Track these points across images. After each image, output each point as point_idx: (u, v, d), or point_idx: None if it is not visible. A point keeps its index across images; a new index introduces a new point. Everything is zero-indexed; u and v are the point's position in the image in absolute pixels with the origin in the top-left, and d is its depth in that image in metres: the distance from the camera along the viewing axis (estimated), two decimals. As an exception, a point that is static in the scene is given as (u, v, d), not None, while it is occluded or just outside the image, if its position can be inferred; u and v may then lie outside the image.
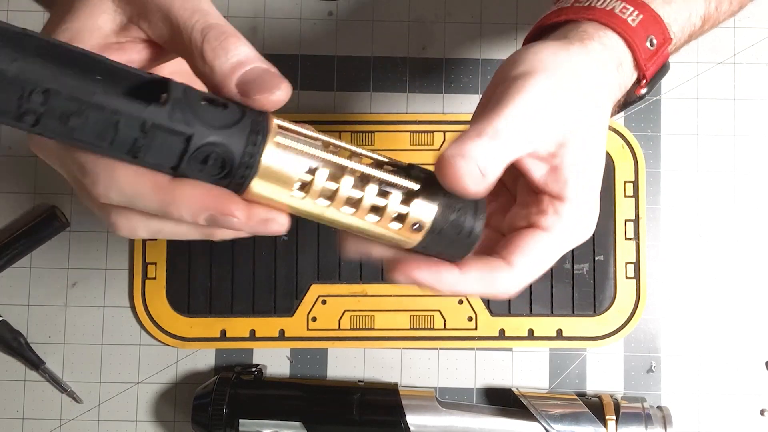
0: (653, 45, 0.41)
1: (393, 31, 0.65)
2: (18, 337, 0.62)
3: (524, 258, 0.36)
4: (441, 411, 0.59)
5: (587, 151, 0.37)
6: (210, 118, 0.30)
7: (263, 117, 0.31)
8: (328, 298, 0.63)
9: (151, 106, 0.29)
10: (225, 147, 0.30)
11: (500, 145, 0.34)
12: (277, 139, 0.31)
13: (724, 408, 0.62)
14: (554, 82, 0.36)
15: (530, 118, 0.35)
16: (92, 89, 0.29)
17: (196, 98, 0.30)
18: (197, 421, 0.58)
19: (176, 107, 0.29)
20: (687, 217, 0.64)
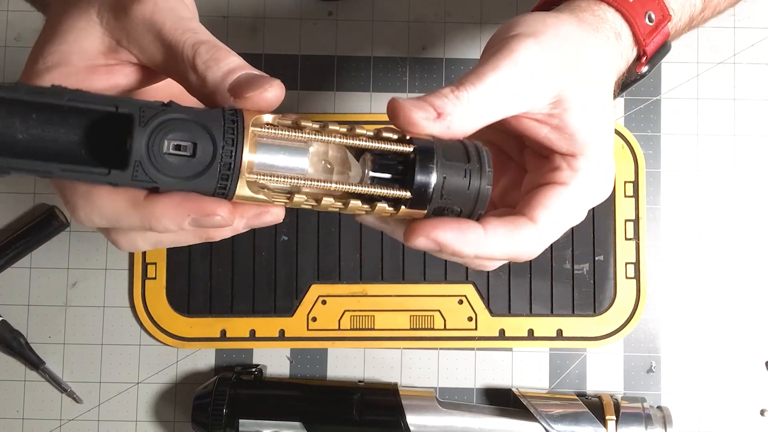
0: (652, 21, 0.41)
1: (393, 31, 0.65)
2: (18, 337, 0.62)
3: (547, 212, 0.36)
4: (441, 411, 0.59)
5: (590, 108, 0.37)
6: (175, 170, 0.30)
7: (235, 158, 0.31)
8: (328, 298, 0.63)
9: (113, 172, 0.29)
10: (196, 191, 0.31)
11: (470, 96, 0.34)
12: (249, 177, 0.31)
13: (724, 408, 0.62)
14: (540, 43, 0.36)
15: (514, 80, 0.35)
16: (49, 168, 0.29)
17: (159, 153, 0.30)
18: (197, 421, 0.58)
19: (138, 169, 0.29)
20: (687, 217, 0.64)
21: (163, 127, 0.30)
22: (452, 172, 0.33)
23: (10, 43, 0.65)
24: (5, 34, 0.65)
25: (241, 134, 0.31)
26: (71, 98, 0.29)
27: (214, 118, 0.31)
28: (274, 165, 0.32)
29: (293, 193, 0.33)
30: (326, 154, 0.34)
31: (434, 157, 0.33)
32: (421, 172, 0.33)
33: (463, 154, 0.33)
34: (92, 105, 0.30)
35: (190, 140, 0.30)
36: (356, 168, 0.34)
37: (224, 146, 0.30)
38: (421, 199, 0.33)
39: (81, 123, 0.30)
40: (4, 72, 0.65)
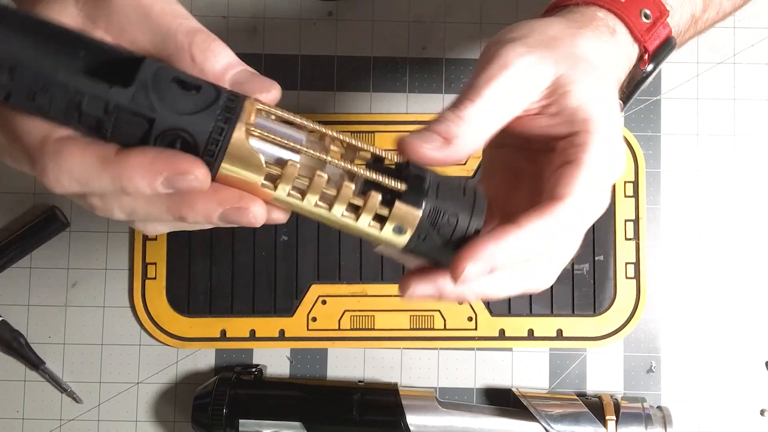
0: (648, 17, 0.41)
1: (393, 31, 0.65)
2: (18, 337, 0.62)
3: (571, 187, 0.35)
4: (441, 411, 0.59)
5: (588, 89, 0.36)
6: (177, 102, 0.29)
7: (237, 102, 0.30)
8: (328, 298, 0.63)
9: (114, 87, 0.29)
10: (189, 132, 0.30)
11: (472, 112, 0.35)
12: (251, 124, 0.30)
13: (724, 408, 0.62)
14: (527, 43, 0.37)
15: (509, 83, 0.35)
16: (57, 66, 0.29)
17: (165, 80, 0.29)
18: (197, 421, 0.58)
19: (140, 90, 0.29)
20: (687, 217, 0.64)
21: (174, 70, 0.30)
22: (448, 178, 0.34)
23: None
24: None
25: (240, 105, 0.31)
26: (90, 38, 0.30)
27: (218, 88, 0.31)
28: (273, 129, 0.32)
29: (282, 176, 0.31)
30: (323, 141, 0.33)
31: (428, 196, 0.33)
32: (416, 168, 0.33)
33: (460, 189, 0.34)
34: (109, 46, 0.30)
35: (196, 81, 0.30)
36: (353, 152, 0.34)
37: (229, 96, 0.30)
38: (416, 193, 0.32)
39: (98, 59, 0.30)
40: (4, 72, 0.65)
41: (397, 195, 0.32)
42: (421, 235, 0.33)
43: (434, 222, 0.33)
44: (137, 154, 0.30)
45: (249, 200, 0.32)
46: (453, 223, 0.33)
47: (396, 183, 0.32)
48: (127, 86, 0.29)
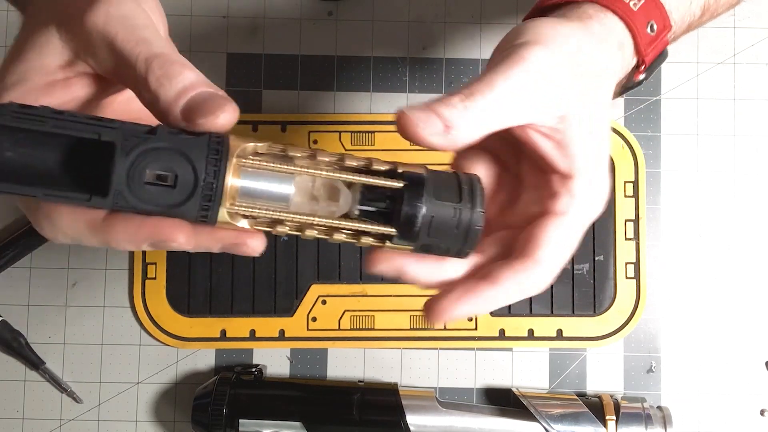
0: (653, 30, 0.41)
1: (393, 31, 0.65)
2: (18, 337, 0.62)
3: (549, 250, 0.36)
4: (441, 411, 0.59)
5: (592, 125, 0.37)
6: (157, 199, 0.30)
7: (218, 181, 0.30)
8: (328, 298, 0.63)
9: (94, 198, 0.30)
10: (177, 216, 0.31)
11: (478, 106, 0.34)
12: (234, 204, 0.31)
13: (724, 408, 0.62)
14: (551, 54, 0.36)
15: (524, 88, 0.35)
16: (34, 192, 0.30)
17: (139, 182, 0.30)
18: (197, 421, 0.58)
19: (118, 197, 0.30)
20: (687, 217, 0.64)
21: (145, 156, 0.30)
22: (441, 210, 0.32)
23: (10, 42, 0.65)
24: (5, 34, 0.65)
25: (224, 164, 0.30)
26: (55, 125, 0.29)
27: (199, 146, 0.30)
28: (258, 195, 0.32)
29: (276, 224, 0.32)
30: (313, 184, 0.33)
31: (423, 194, 0.32)
32: (408, 209, 0.32)
33: (455, 191, 0.33)
34: (76, 132, 0.30)
35: (171, 170, 0.30)
36: (345, 197, 0.33)
37: (206, 178, 0.30)
38: (407, 236, 0.33)
39: (65, 147, 0.30)
40: (4, 72, 0.65)
41: (388, 237, 0.33)
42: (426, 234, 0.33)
43: (426, 250, 0.34)
44: (123, 222, 0.31)
45: (246, 236, 0.33)
46: (444, 250, 0.34)
47: (386, 228, 0.33)
48: (105, 196, 0.29)
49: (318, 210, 0.33)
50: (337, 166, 0.33)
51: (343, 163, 0.33)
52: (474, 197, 0.33)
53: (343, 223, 0.32)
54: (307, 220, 0.32)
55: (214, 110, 0.31)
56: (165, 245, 0.31)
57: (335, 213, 0.33)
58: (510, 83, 0.34)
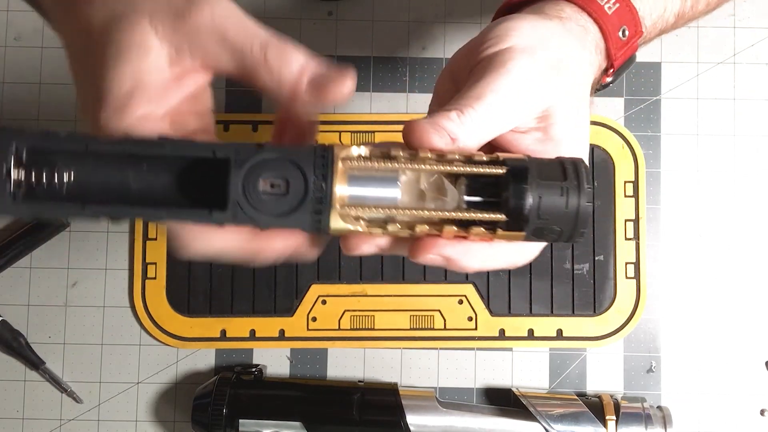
0: (625, 36, 0.41)
1: (393, 31, 0.65)
2: (18, 337, 0.62)
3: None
4: (441, 411, 0.59)
5: (573, 123, 0.37)
6: (272, 208, 0.31)
7: (327, 188, 0.32)
8: (328, 298, 0.63)
9: (214, 212, 0.31)
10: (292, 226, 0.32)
11: (473, 120, 0.34)
12: (344, 207, 0.32)
13: (724, 408, 0.62)
14: (536, 60, 0.36)
15: (511, 99, 0.35)
16: (159, 214, 0.31)
17: (255, 192, 0.31)
18: (197, 421, 0.58)
19: (236, 209, 0.31)
20: (687, 217, 0.64)
21: (257, 167, 0.31)
22: (548, 191, 0.32)
23: (10, 43, 0.65)
24: (5, 34, 0.65)
25: (331, 168, 0.32)
26: (172, 148, 0.31)
27: (306, 155, 0.32)
28: (367, 196, 0.33)
29: (388, 223, 0.33)
30: (419, 182, 0.34)
31: (528, 177, 0.32)
32: (514, 193, 0.32)
33: (559, 171, 0.33)
34: (193, 152, 0.31)
35: (283, 178, 0.31)
36: (451, 192, 0.34)
37: (315, 181, 0.31)
38: (517, 221, 0.32)
39: (182, 168, 0.32)
40: (5, 72, 0.65)
41: (499, 225, 0.33)
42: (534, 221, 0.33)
43: (539, 235, 0.33)
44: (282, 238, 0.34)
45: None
46: (557, 233, 0.33)
47: (495, 215, 0.33)
48: (224, 209, 0.31)
49: (425, 205, 0.33)
50: (438, 160, 0.33)
51: (445, 158, 0.33)
52: (579, 176, 0.33)
53: (452, 214, 0.33)
54: (418, 213, 0.32)
55: (337, 80, 0.33)
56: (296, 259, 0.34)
57: (443, 207, 0.33)
58: (497, 97, 0.35)
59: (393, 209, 0.32)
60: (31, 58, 0.65)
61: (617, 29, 0.41)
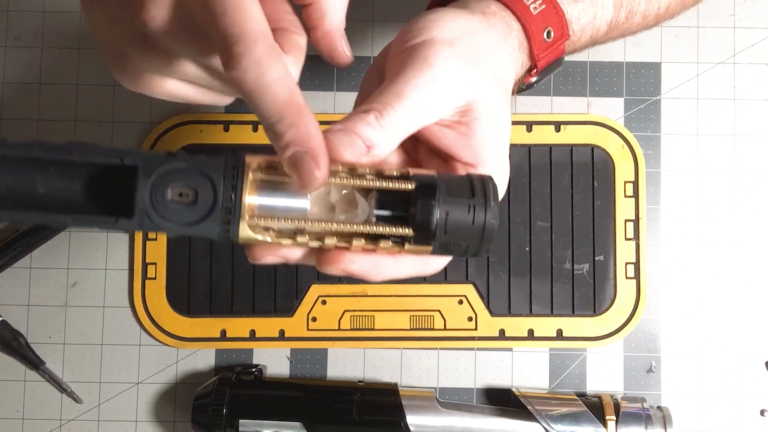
0: (550, 37, 0.41)
1: (393, 31, 0.65)
2: (18, 337, 0.62)
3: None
4: (441, 411, 0.59)
5: (496, 118, 0.37)
6: (179, 216, 0.31)
7: (236, 197, 0.32)
8: (328, 298, 0.63)
9: (120, 220, 0.31)
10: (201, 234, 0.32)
11: (391, 121, 0.34)
12: (251, 222, 0.32)
13: (724, 408, 0.62)
14: (456, 51, 0.36)
15: (433, 94, 0.35)
16: (64, 220, 0.31)
17: (162, 201, 0.31)
18: (197, 421, 0.58)
19: (143, 217, 0.31)
20: (687, 217, 0.64)
21: (165, 176, 0.31)
22: (455, 207, 0.33)
23: (10, 43, 0.65)
24: (5, 34, 0.65)
25: (241, 179, 0.32)
26: (81, 153, 0.31)
27: (216, 165, 0.32)
28: (276, 207, 0.33)
29: (297, 234, 0.33)
30: (328, 194, 0.34)
31: (436, 193, 0.33)
32: (422, 209, 0.33)
33: (467, 188, 0.34)
34: (101, 159, 0.31)
35: (191, 187, 0.31)
36: (362, 205, 0.34)
37: (224, 192, 0.31)
38: (424, 236, 0.33)
39: (91, 174, 0.32)
40: (5, 72, 0.65)
41: (407, 239, 0.33)
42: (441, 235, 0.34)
43: (446, 249, 0.34)
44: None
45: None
46: (464, 249, 0.34)
47: (403, 229, 0.33)
48: (130, 217, 0.31)
49: (335, 218, 0.34)
50: (350, 174, 0.33)
51: (355, 171, 0.33)
52: (487, 193, 0.34)
53: (361, 228, 0.33)
54: (327, 227, 0.33)
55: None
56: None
57: (353, 220, 0.34)
58: (418, 92, 0.35)
59: (302, 221, 0.33)
60: (31, 58, 0.65)
61: (542, 30, 0.40)
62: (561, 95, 0.64)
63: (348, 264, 0.34)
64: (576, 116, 0.64)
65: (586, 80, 0.64)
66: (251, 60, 0.30)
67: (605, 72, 0.64)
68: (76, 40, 0.65)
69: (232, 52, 0.30)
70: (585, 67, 0.64)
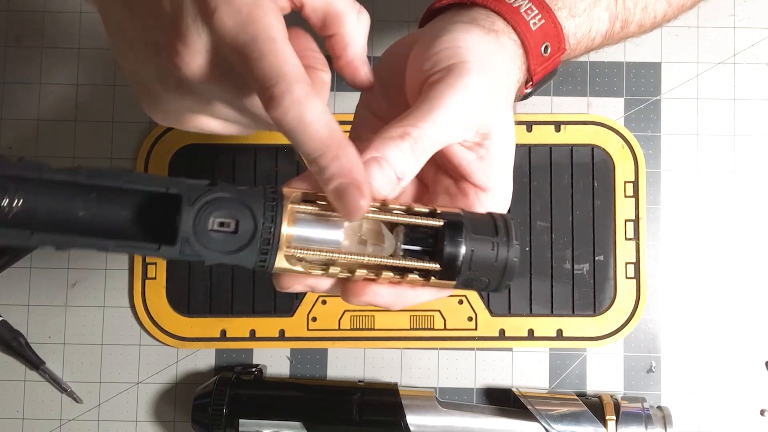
0: (547, 52, 0.42)
1: (393, 31, 0.65)
2: (18, 337, 0.62)
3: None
4: (441, 411, 0.59)
5: (507, 141, 0.38)
6: (219, 245, 0.32)
7: (274, 231, 0.33)
8: (328, 298, 0.63)
9: (163, 247, 0.32)
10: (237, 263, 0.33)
11: (424, 148, 0.35)
12: (287, 252, 0.33)
13: (724, 408, 0.62)
14: (486, 77, 0.37)
15: (461, 117, 0.36)
16: (106, 245, 0.32)
17: (204, 229, 0.32)
18: (197, 421, 0.58)
19: (185, 245, 0.32)
20: (687, 217, 0.64)
21: (208, 206, 0.32)
22: (480, 245, 0.35)
23: (10, 43, 0.65)
24: (5, 34, 0.65)
25: (280, 211, 0.33)
26: (127, 180, 0.32)
27: (256, 196, 0.33)
28: (311, 239, 0.34)
29: (328, 266, 0.34)
30: (360, 228, 0.35)
31: (463, 231, 0.34)
32: (450, 245, 0.34)
33: (491, 227, 0.35)
34: (146, 186, 0.32)
35: (233, 218, 0.32)
36: (390, 240, 0.35)
37: (264, 223, 0.32)
38: (450, 271, 0.35)
39: (135, 201, 0.32)
40: (5, 72, 0.65)
41: (433, 273, 0.35)
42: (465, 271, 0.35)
43: (468, 284, 0.35)
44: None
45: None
46: (485, 284, 0.36)
47: (431, 264, 0.35)
48: (173, 244, 0.32)
49: (366, 251, 0.35)
50: (381, 209, 0.35)
51: (386, 206, 0.35)
52: (509, 232, 0.35)
53: (391, 261, 0.34)
54: (358, 259, 0.34)
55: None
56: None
57: (382, 253, 0.35)
58: (453, 116, 0.36)
59: (335, 253, 0.34)
60: (31, 58, 0.65)
61: (540, 45, 0.41)
62: (561, 95, 0.64)
63: (373, 296, 0.35)
64: (576, 116, 0.64)
65: (586, 80, 0.64)
66: (291, 100, 0.31)
67: (605, 72, 0.64)
68: (77, 40, 0.65)
69: (272, 93, 0.31)
70: (585, 67, 0.64)
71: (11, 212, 0.31)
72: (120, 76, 0.64)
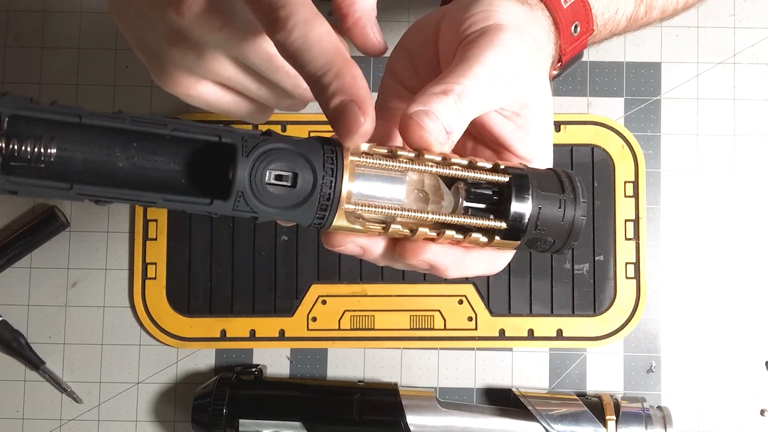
0: (576, 31, 0.41)
1: (393, 31, 0.65)
2: (18, 337, 0.62)
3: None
4: (441, 411, 0.59)
5: (545, 112, 0.37)
6: (276, 200, 0.30)
7: (335, 187, 0.30)
8: (328, 298, 0.63)
9: (215, 202, 0.29)
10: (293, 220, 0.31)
11: (468, 105, 0.33)
12: (348, 207, 0.31)
13: (724, 408, 0.62)
14: (522, 40, 0.36)
15: (501, 75, 0.34)
16: (152, 198, 0.29)
17: (260, 183, 0.29)
18: (197, 421, 0.58)
19: (240, 199, 0.29)
20: (687, 217, 0.64)
21: (265, 157, 0.30)
22: (547, 202, 0.32)
23: (10, 43, 0.65)
24: (5, 34, 0.65)
25: (341, 164, 0.30)
26: (175, 128, 0.29)
27: (314, 148, 0.30)
28: (371, 195, 0.32)
29: (388, 224, 0.32)
30: (421, 183, 0.33)
31: (530, 187, 0.32)
32: (517, 202, 0.32)
33: (557, 184, 0.33)
34: (196, 135, 0.29)
35: (291, 170, 0.30)
36: (449, 197, 0.33)
37: (324, 176, 0.30)
38: (515, 230, 0.32)
39: (183, 152, 0.30)
40: (5, 72, 0.65)
41: (497, 232, 0.33)
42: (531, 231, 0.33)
43: (532, 244, 0.33)
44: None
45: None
46: (550, 244, 0.34)
47: (496, 222, 0.32)
48: (226, 199, 0.29)
49: (427, 208, 0.33)
50: (442, 163, 0.32)
51: (449, 161, 0.32)
52: (575, 189, 0.33)
53: (455, 219, 0.32)
54: (421, 216, 0.32)
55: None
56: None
57: (443, 210, 0.33)
58: (494, 74, 0.34)
59: (396, 209, 0.31)
60: (31, 58, 0.65)
61: (570, 23, 0.40)
62: (561, 95, 0.64)
63: (433, 255, 0.33)
64: (576, 116, 0.64)
65: (586, 80, 0.64)
66: (297, 19, 0.30)
67: (605, 72, 0.64)
68: (76, 39, 0.65)
69: (278, 15, 0.30)
70: (585, 67, 0.64)
71: (46, 162, 0.28)
72: (120, 75, 0.64)
